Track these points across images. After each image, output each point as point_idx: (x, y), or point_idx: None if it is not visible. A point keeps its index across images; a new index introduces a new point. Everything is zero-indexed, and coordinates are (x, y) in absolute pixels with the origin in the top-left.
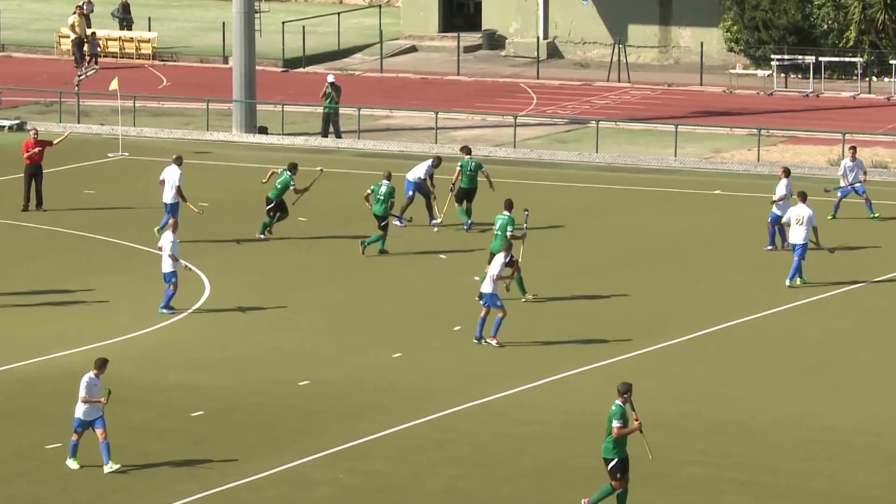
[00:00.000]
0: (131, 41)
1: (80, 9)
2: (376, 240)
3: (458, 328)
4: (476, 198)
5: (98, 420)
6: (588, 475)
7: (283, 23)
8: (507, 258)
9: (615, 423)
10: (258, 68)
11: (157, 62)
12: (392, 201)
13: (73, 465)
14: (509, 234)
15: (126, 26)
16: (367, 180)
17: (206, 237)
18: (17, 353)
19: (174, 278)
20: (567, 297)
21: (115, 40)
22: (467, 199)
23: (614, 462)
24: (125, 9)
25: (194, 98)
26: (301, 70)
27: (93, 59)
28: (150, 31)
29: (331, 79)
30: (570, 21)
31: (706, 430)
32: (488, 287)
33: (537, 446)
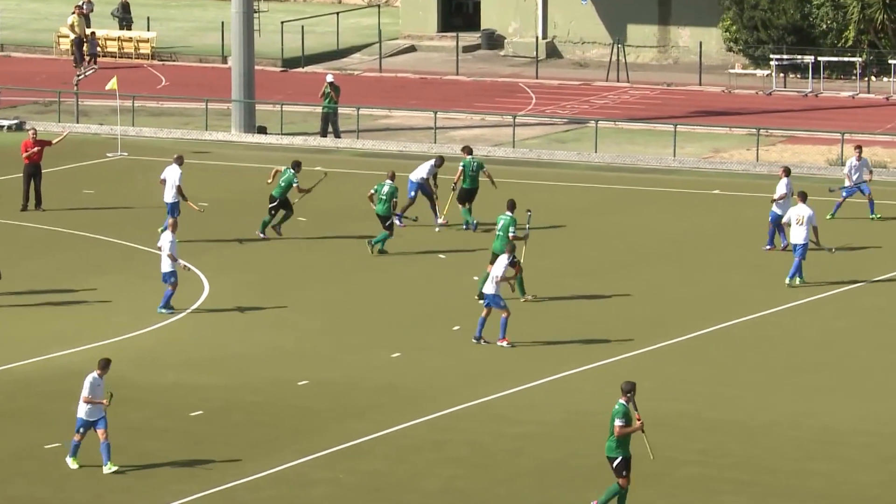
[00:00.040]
0: (130, 41)
1: (80, 8)
2: (383, 238)
3: (457, 328)
4: (478, 198)
5: (100, 420)
6: (587, 475)
7: (282, 23)
8: (511, 259)
9: (617, 422)
10: (257, 68)
11: (156, 62)
12: (395, 201)
13: (72, 464)
14: (511, 235)
15: (126, 26)
16: (366, 180)
17: (206, 237)
18: (16, 353)
19: (173, 278)
20: (566, 296)
21: (114, 40)
22: (469, 199)
23: (619, 460)
24: (124, 8)
25: (193, 98)
26: (300, 70)
27: (92, 59)
28: (148, 30)
29: (330, 78)
30: (569, 21)
31: (705, 430)
32: (490, 288)
33: (536, 446)
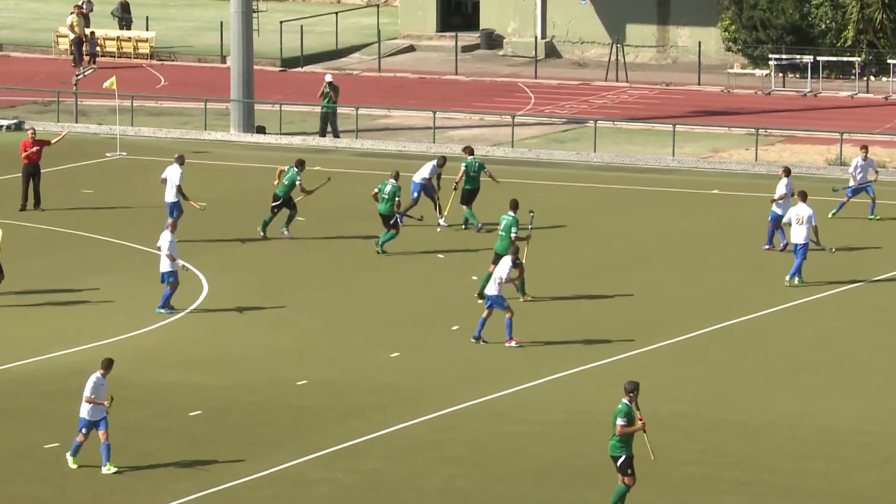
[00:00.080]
0: (129, 41)
1: (79, 8)
2: (389, 238)
3: (456, 328)
4: (481, 198)
5: (102, 421)
6: (587, 474)
7: (281, 22)
8: (514, 261)
9: (619, 422)
10: (256, 68)
11: (154, 62)
12: (398, 200)
13: (71, 464)
14: (514, 235)
15: (125, 26)
16: (365, 180)
17: (205, 237)
18: (16, 353)
19: (171, 278)
20: (565, 296)
21: (113, 40)
22: (470, 200)
23: (623, 459)
24: (124, 8)
25: (192, 98)
26: (299, 69)
27: (91, 59)
28: (147, 30)
29: (329, 78)
30: (568, 21)
31: (704, 430)
32: (494, 289)
33: (536, 445)
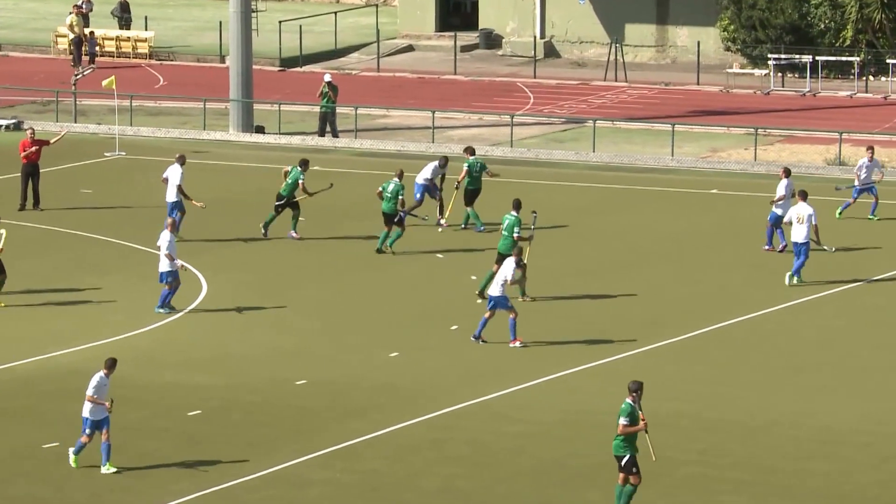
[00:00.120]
0: (128, 40)
1: (79, 8)
2: (397, 237)
3: (455, 327)
4: (483, 198)
5: (104, 420)
6: (586, 474)
7: (280, 22)
8: (518, 261)
9: (622, 421)
10: (255, 68)
11: (153, 61)
12: (402, 199)
13: (73, 463)
14: (516, 235)
15: (125, 25)
16: (364, 180)
17: (204, 236)
18: (15, 353)
19: (170, 277)
20: (564, 296)
21: (112, 39)
22: (472, 199)
23: (627, 458)
24: (123, 7)
25: (191, 97)
26: (298, 69)
27: (91, 59)
28: (146, 30)
29: (328, 78)
30: (567, 20)
31: (704, 430)
32: (497, 290)
33: (535, 445)
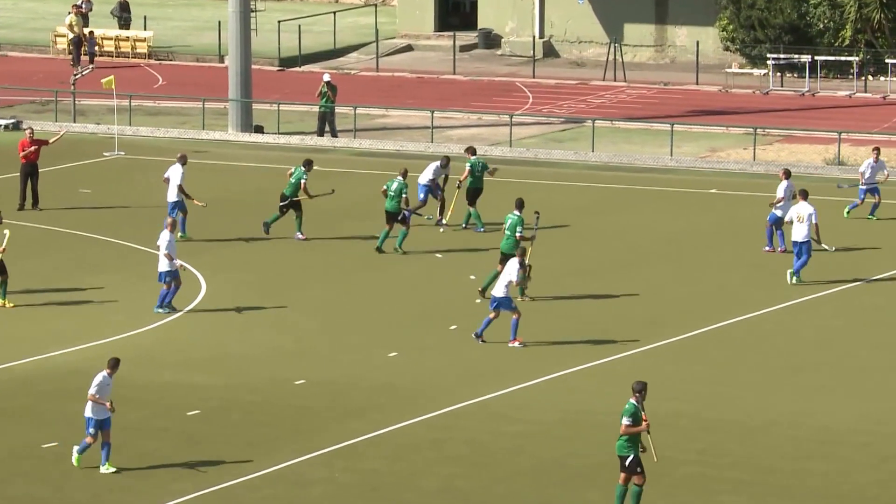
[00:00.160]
0: (127, 40)
1: (78, 8)
2: (403, 237)
3: (454, 327)
4: (485, 198)
5: (106, 420)
6: (585, 474)
7: (279, 22)
8: (522, 262)
9: (624, 421)
10: (254, 67)
11: (152, 61)
12: (405, 197)
13: (76, 462)
14: (518, 234)
15: (124, 25)
16: (363, 179)
17: (203, 236)
18: (14, 352)
19: (169, 277)
20: (563, 296)
21: (111, 39)
22: (474, 199)
23: (631, 459)
24: (123, 7)
25: (190, 97)
26: (297, 69)
27: (90, 59)
28: (145, 30)
29: (327, 78)
30: (566, 20)
31: (703, 430)
32: (501, 291)
33: (534, 445)
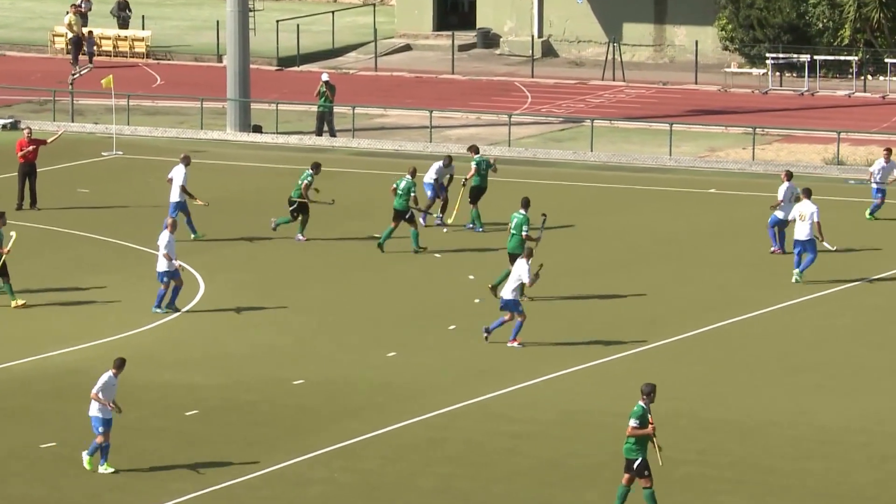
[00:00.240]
0: (125, 40)
1: (77, 7)
2: (416, 236)
3: (453, 327)
4: (489, 197)
5: (109, 420)
6: (583, 474)
7: (278, 21)
8: (529, 263)
9: (631, 423)
10: (252, 67)
11: (151, 61)
12: (414, 196)
13: (86, 464)
14: (524, 233)
15: (124, 24)
16: (363, 179)
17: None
18: (12, 352)
19: (167, 277)
20: (562, 296)
21: (109, 39)
22: (478, 198)
23: (639, 461)
24: (121, 6)
25: (188, 97)
26: (295, 69)
27: (89, 59)
28: (143, 29)
29: (325, 77)
30: (565, 20)
31: (702, 430)
32: (510, 294)
33: (532, 445)
